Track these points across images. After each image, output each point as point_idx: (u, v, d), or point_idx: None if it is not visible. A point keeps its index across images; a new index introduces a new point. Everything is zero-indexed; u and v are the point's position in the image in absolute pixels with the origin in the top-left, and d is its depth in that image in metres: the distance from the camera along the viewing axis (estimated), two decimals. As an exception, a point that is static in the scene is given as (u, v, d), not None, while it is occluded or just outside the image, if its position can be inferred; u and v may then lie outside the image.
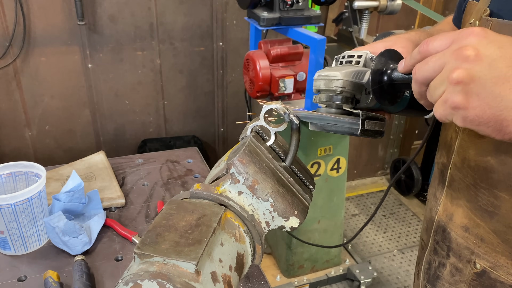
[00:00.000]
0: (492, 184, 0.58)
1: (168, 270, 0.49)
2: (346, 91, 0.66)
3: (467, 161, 0.62)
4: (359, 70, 0.66)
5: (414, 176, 2.94)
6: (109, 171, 1.30)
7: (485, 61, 0.45)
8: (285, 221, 0.62)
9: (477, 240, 0.62)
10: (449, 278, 0.68)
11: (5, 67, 2.08)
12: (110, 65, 2.25)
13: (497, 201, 0.58)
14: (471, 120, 0.46)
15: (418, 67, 0.51)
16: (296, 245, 2.18)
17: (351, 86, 0.66)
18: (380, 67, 0.62)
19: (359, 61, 0.69)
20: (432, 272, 0.72)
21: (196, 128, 2.59)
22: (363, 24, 2.01)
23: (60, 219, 0.95)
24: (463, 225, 0.64)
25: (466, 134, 0.62)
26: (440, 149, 0.73)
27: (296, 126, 0.66)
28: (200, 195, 0.61)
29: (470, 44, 0.46)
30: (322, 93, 0.68)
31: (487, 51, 0.45)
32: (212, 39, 2.39)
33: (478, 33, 0.46)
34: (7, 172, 1.02)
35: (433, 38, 0.51)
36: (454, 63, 0.46)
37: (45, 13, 2.04)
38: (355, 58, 0.69)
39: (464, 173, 0.62)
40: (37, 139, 2.29)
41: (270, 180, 0.61)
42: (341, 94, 0.66)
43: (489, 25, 0.58)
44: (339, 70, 0.66)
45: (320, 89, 0.68)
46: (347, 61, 0.70)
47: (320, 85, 0.68)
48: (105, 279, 0.93)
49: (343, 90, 0.65)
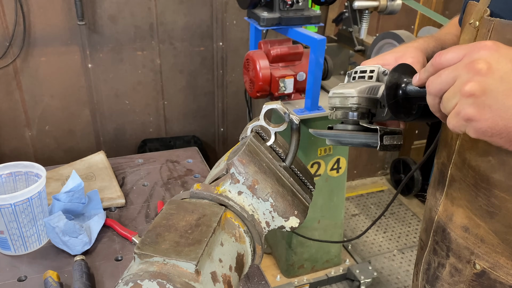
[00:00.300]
0: (493, 184, 0.58)
1: (168, 270, 0.49)
2: (361, 107, 0.67)
3: (468, 161, 0.62)
4: (373, 86, 0.67)
5: (414, 176, 2.94)
6: (109, 171, 1.30)
7: (497, 74, 0.46)
8: (285, 221, 0.62)
9: (477, 240, 0.62)
10: (448, 279, 0.68)
11: (5, 67, 2.08)
12: (110, 65, 2.26)
13: (498, 201, 0.58)
14: (484, 132, 0.47)
15: (432, 80, 0.52)
16: (296, 245, 2.18)
17: (366, 102, 0.67)
18: (394, 82, 0.63)
19: (372, 76, 0.70)
20: (432, 273, 0.72)
21: (196, 128, 2.59)
22: (363, 24, 2.01)
23: (60, 219, 0.96)
24: (463, 225, 0.64)
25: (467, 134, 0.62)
26: (440, 149, 0.73)
27: (296, 126, 0.66)
28: (200, 195, 0.61)
29: (482, 57, 0.47)
30: (338, 110, 0.69)
31: (498, 64, 0.46)
32: (212, 39, 2.39)
33: (490, 47, 0.47)
34: (7, 172, 1.02)
35: (446, 51, 0.52)
36: (467, 76, 0.47)
37: (45, 13, 2.04)
38: (368, 73, 0.70)
39: (465, 173, 0.63)
40: (37, 139, 2.29)
41: (270, 180, 0.61)
42: (357, 110, 0.67)
43: (491, 25, 0.58)
44: (354, 87, 0.67)
45: (335, 106, 0.69)
46: (360, 76, 0.71)
47: (335, 102, 0.69)
48: (105, 279, 0.93)
49: (359, 107, 0.67)
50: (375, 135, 0.65)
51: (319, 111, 1.82)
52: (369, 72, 0.70)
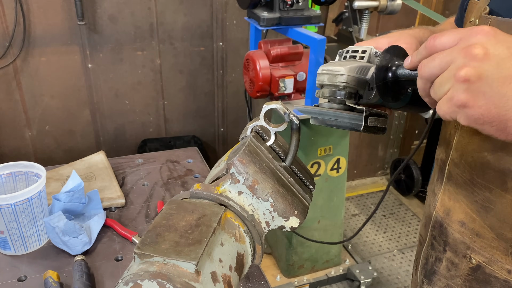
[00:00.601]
0: (488, 179, 0.59)
1: (168, 270, 0.49)
2: (349, 87, 0.65)
3: (465, 157, 0.62)
4: (363, 66, 0.66)
5: (414, 176, 2.94)
6: (109, 171, 1.30)
7: (494, 60, 0.45)
8: (285, 221, 0.62)
9: (473, 235, 0.63)
10: (445, 273, 0.69)
11: (5, 67, 2.08)
12: (110, 65, 2.25)
13: (493, 196, 0.58)
14: (476, 119, 0.46)
15: (425, 63, 0.50)
16: (296, 245, 2.18)
17: (355, 82, 0.65)
18: (385, 63, 0.62)
19: (363, 56, 0.68)
20: (429, 267, 0.73)
21: (196, 128, 2.59)
22: (363, 24, 2.01)
23: (60, 219, 0.95)
24: (460, 220, 0.65)
25: (465, 130, 0.62)
26: (439, 146, 0.73)
27: (296, 126, 0.66)
28: (200, 195, 0.61)
29: (479, 42, 0.46)
30: (325, 88, 0.68)
31: (496, 50, 0.45)
32: (212, 39, 2.39)
33: (488, 32, 0.46)
34: (7, 172, 1.02)
35: (441, 34, 0.50)
36: (462, 61, 0.46)
37: (45, 13, 2.04)
38: (359, 53, 0.69)
39: (462, 168, 0.63)
40: (37, 139, 2.29)
41: (270, 180, 0.61)
42: (344, 89, 0.65)
43: (488, 22, 0.58)
44: (344, 65, 0.65)
45: (323, 83, 0.67)
46: (351, 56, 0.70)
47: (323, 79, 0.67)
48: (105, 279, 0.93)
49: (347, 86, 0.65)
50: (360, 116, 0.63)
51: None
52: (360, 52, 0.69)
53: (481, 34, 0.46)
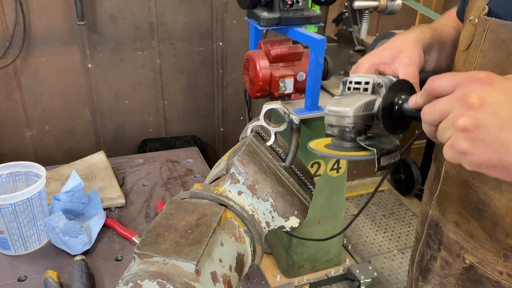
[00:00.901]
0: (483, 181, 0.59)
1: (168, 270, 0.49)
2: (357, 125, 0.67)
3: None
4: (368, 101, 0.67)
5: (414, 176, 2.94)
6: (109, 171, 1.30)
7: (490, 109, 0.46)
8: (285, 221, 0.62)
9: (466, 236, 0.64)
10: (439, 271, 0.70)
11: (5, 67, 2.08)
12: (110, 65, 2.25)
13: (487, 199, 0.59)
14: (479, 165, 0.47)
15: (426, 109, 0.52)
16: (296, 245, 2.18)
17: (362, 120, 0.67)
18: (389, 102, 0.64)
19: (367, 88, 0.69)
20: (424, 265, 0.74)
21: (196, 128, 2.59)
22: (363, 24, 2.01)
23: (60, 219, 0.95)
24: (454, 220, 0.65)
25: None
26: (437, 146, 0.73)
27: (296, 126, 0.66)
28: (200, 195, 0.61)
29: (475, 91, 0.47)
30: (335, 128, 0.70)
31: (491, 98, 0.46)
32: (212, 39, 2.39)
33: (484, 80, 0.47)
34: (7, 172, 1.02)
35: (439, 77, 0.51)
36: (459, 110, 0.47)
37: (45, 13, 2.04)
38: (363, 85, 0.70)
39: (458, 169, 0.64)
40: (37, 139, 2.29)
41: (270, 180, 0.61)
42: (353, 129, 0.67)
43: (486, 24, 0.58)
44: (349, 105, 0.66)
45: (332, 124, 0.69)
46: (354, 88, 0.71)
47: (331, 120, 0.69)
48: (105, 279, 0.93)
49: (355, 126, 0.67)
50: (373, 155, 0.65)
51: (319, 111, 1.82)
52: (364, 84, 0.70)
53: (477, 82, 0.47)
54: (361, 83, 0.70)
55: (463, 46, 0.64)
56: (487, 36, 0.58)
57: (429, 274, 0.73)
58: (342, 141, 0.70)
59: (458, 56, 0.68)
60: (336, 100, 0.69)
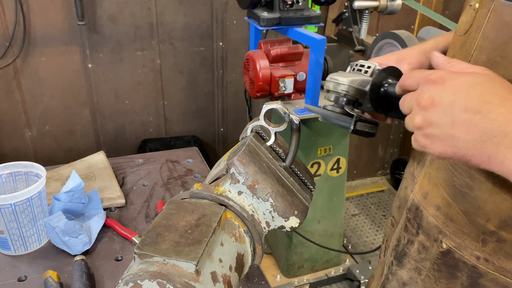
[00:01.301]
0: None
1: (168, 270, 0.49)
2: (349, 95, 0.79)
3: None
4: (364, 79, 0.79)
5: (414, 176, 2.94)
6: (109, 171, 1.30)
7: (439, 108, 0.51)
8: (285, 221, 0.62)
9: (446, 219, 0.64)
10: (415, 255, 0.71)
11: (5, 67, 2.08)
12: (110, 65, 2.25)
13: (472, 182, 0.60)
14: (438, 156, 0.54)
15: (401, 101, 0.59)
16: (296, 245, 2.19)
17: (354, 92, 0.79)
18: (379, 80, 0.74)
19: (367, 70, 0.81)
20: (400, 249, 0.74)
21: (196, 128, 2.59)
22: (363, 24, 2.01)
23: (60, 219, 0.96)
24: (436, 204, 0.66)
25: None
26: None
27: (296, 126, 0.66)
28: (200, 195, 0.61)
29: (426, 92, 0.53)
30: (331, 93, 0.82)
31: (441, 98, 0.51)
32: (212, 39, 2.39)
33: (435, 81, 0.53)
34: (7, 172, 1.02)
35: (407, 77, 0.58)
36: (415, 110, 0.54)
37: (45, 13, 2.04)
38: (365, 68, 0.81)
39: None
40: (37, 139, 2.29)
41: (270, 180, 0.61)
42: (345, 96, 0.79)
43: (491, 5, 0.58)
44: (347, 77, 0.78)
45: (329, 89, 0.81)
46: (357, 69, 0.83)
47: (329, 86, 0.81)
48: (105, 279, 0.93)
49: (347, 94, 0.79)
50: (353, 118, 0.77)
51: (319, 111, 1.82)
52: (366, 67, 0.82)
53: (430, 83, 0.53)
54: (364, 66, 0.82)
55: (460, 31, 0.66)
56: (490, 17, 0.58)
57: (404, 258, 0.73)
58: (333, 107, 0.82)
59: (454, 41, 0.69)
60: (339, 73, 0.82)
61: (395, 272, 0.76)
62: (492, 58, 0.57)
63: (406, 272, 0.72)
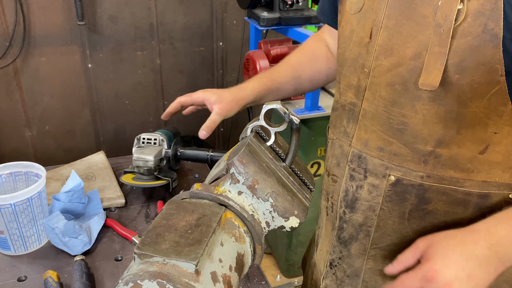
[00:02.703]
0: (400, 105, 0.69)
1: (168, 270, 0.49)
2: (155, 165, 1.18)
3: (378, 92, 0.72)
4: (159, 150, 1.19)
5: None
6: (109, 171, 1.30)
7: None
8: (285, 221, 0.62)
9: (390, 155, 0.73)
10: (367, 196, 0.78)
11: (5, 67, 2.08)
12: (110, 65, 2.25)
13: (406, 119, 0.69)
14: None
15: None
16: (296, 245, 2.18)
17: (157, 162, 1.17)
18: (174, 151, 1.23)
19: (155, 142, 1.21)
20: (350, 197, 0.81)
21: (196, 128, 2.57)
22: (363, 24, 2.01)
23: (59, 219, 0.95)
24: (378, 146, 0.74)
25: (377, 71, 0.71)
26: (343, 93, 0.81)
27: (296, 126, 0.66)
28: (200, 195, 0.61)
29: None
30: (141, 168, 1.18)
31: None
32: (212, 39, 2.39)
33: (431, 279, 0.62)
34: (7, 172, 1.02)
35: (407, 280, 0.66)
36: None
37: (45, 13, 2.04)
38: (153, 140, 1.21)
39: (376, 103, 0.72)
40: (37, 139, 2.29)
41: (270, 180, 0.61)
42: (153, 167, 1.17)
43: None
44: (150, 154, 1.15)
45: (139, 166, 1.18)
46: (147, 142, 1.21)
47: (140, 163, 1.17)
48: (105, 279, 0.93)
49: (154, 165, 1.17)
50: (167, 180, 1.16)
51: (319, 111, 1.82)
52: (153, 140, 1.19)
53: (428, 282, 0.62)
54: (151, 139, 1.19)
55: (353, 10, 0.76)
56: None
57: (356, 203, 0.80)
58: (145, 175, 1.15)
59: (347, 19, 0.78)
60: (139, 150, 1.15)
61: (349, 219, 0.82)
62: (400, 21, 0.66)
63: (361, 214, 0.80)
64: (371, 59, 0.72)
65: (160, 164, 1.18)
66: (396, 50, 0.68)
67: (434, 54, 0.62)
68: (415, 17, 0.65)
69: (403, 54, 0.67)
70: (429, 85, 0.63)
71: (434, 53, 0.62)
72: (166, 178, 1.17)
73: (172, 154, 1.19)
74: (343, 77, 0.82)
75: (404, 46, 0.66)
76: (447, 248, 0.64)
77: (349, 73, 0.79)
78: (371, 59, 0.72)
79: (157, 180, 1.17)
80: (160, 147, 1.19)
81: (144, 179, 1.16)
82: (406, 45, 0.66)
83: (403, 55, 0.67)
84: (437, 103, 0.65)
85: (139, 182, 1.16)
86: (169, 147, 1.21)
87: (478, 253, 0.62)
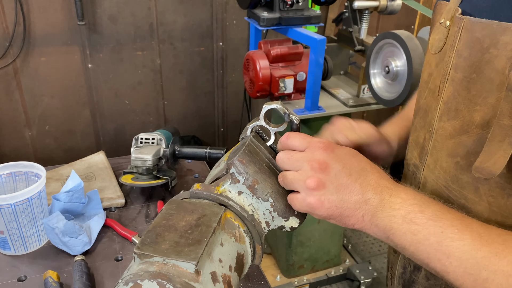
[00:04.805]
0: (462, 185, 0.58)
1: (168, 270, 0.49)
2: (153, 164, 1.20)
3: (439, 162, 0.61)
4: (157, 150, 1.21)
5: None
6: (109, 171, 1.30)
7: (332, 172, 0.57)
8: (285, 221, 0.62)
9: None
10: (424, 282, 0.69)
11: (5, 67, 2.08)
12: (110, 65, 2.25)
13: (467, 203, 0.58)
14: (323, 217, 0.58)
15: (282, 158, 0.61)
16: (296, 245, 2.19)
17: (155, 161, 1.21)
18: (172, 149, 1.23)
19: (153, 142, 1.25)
20: (407, 277, 0.72)
21: (196, 128, 2.59)
22: (363, 24, 2.01)
23: (59, 219, 0.95)
24: None
25: (439, 135, 0.61)
26: (411, 150, 0.72)
27: (296, 126, 0.66)
28: (200, 195, 0.61)
29: (321, 158, 0.57)
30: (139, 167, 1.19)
31: (333, 164, 0.57)
32: (212, 39, 2.39)
33: (326, 148, 0.58)
34: (7, 172, 1.02)
35: (293, 136, 0.61)
36: (310, 172, 0.57)
37: (45, 13, 2.04)
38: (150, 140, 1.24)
39: (437, 174, 0.62)
40: (37, 139, 2.29)
41: (270, 180, 0.61)
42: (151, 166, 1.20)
43: (461, 23, 0.57)
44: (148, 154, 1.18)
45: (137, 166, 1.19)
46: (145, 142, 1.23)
47: (138, 163, 1.18)
48: (105, 279, 0.93)
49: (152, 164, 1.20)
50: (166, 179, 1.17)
51: (319, 111, 1.82)
52: (151, 139, 1.21)
53: (322, 149, 0.58)
54: (149, 139, 1.20)
55: (434, 49, 0.63)
56: (462, 35, 0.56)
57: (413, 286, 0.71)
58: (144, 175, 1.16)
59: (428, 59, 0.66)
60: (137, 150, 1.16)
61: None
62: (468, 76, 0.54)
63: None
64: (435, 118, 0.60)
65: (159, 164, 1.19)
66: (461, 112, 0.55)
67: (502, 128, 0.47)
68: (487, 71, 0.51)
69: (469, 119, 0.54)
70: (486, 171, 0.48)
71: (502, 126, 0.47)
72: (165, 177, 1.17)
73: (170, 152, 1.19)
74: (413, 129, 0.71)
75: (472, 108, 0.53)
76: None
77: (419, 127, 0.68)
78: (435, 117, 0.60)
79: (156, 179, 1.17)
80: (158, 146, 1.20)
81: (143, 178, 1.16)
82: (474, 108, 0.53)
83: (469, 120, 0.54)
84: (506, 193, 0.51)
85: (138, 182, 1.16)
86: (168, 147, 1.21)
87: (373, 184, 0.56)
